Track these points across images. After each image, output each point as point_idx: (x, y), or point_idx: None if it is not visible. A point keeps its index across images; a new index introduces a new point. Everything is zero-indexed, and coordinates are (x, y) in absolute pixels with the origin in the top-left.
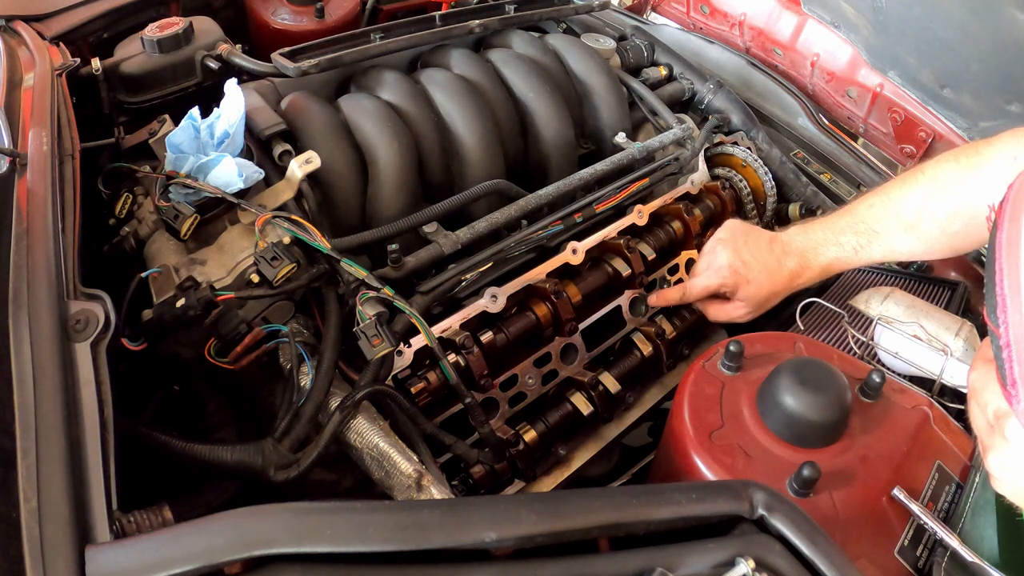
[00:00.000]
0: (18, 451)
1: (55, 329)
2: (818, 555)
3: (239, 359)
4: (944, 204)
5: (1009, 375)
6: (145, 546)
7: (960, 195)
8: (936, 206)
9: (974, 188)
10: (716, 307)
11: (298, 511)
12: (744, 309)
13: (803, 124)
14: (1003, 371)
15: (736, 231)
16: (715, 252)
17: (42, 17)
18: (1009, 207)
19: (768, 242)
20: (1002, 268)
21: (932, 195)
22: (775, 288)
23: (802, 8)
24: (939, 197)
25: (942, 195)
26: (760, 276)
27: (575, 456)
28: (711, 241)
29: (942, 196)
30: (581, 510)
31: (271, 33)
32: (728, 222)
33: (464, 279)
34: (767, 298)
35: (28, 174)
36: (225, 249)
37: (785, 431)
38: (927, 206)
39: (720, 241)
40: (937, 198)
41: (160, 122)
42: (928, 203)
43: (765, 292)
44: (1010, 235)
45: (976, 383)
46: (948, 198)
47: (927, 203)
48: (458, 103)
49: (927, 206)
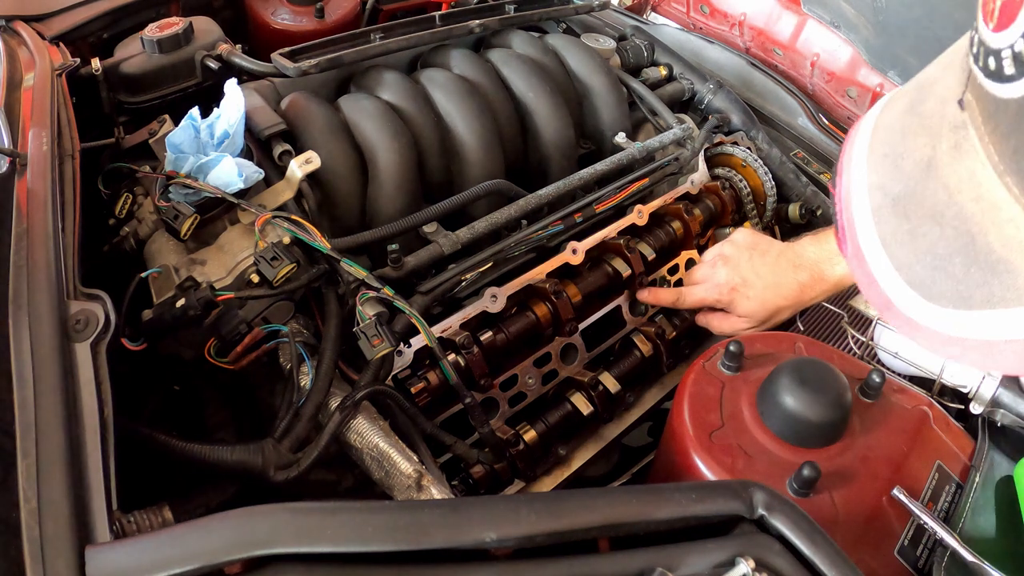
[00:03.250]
0: (18, 451)
1: (55, 329)
2: (818, 555)
3: (239, 359)
4: None
5: (838, 224)
6: (145, 546)
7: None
8: None
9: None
10: (719, 320)
11: (298, 511)
12: (746, 324)
13: (803, 124)
14: (836, 223)
15: (742, 246)
16: (715, 267)
17: (42, 17)
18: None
19: (776, 255)
20: (843, 150)
21: None
22: (782, 303)
23: (802, 8)
24: None
25: None
26: (763, 293)
27: (575, 456)
28: (715, 254)
29: None
30: (581, 510)
31: (271, 33)
32: (737, 232)
33: (464, 279)
34: (773, 313)
35: (28, 174)
36: (225, 249)
37: (785, 431)
38: None
39: (722, 257)
40: None
41: (160, 122)
42: None
43: (770, 307)
44: (856, 127)
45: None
46: None
47: None
48: (458, 103)
49: None
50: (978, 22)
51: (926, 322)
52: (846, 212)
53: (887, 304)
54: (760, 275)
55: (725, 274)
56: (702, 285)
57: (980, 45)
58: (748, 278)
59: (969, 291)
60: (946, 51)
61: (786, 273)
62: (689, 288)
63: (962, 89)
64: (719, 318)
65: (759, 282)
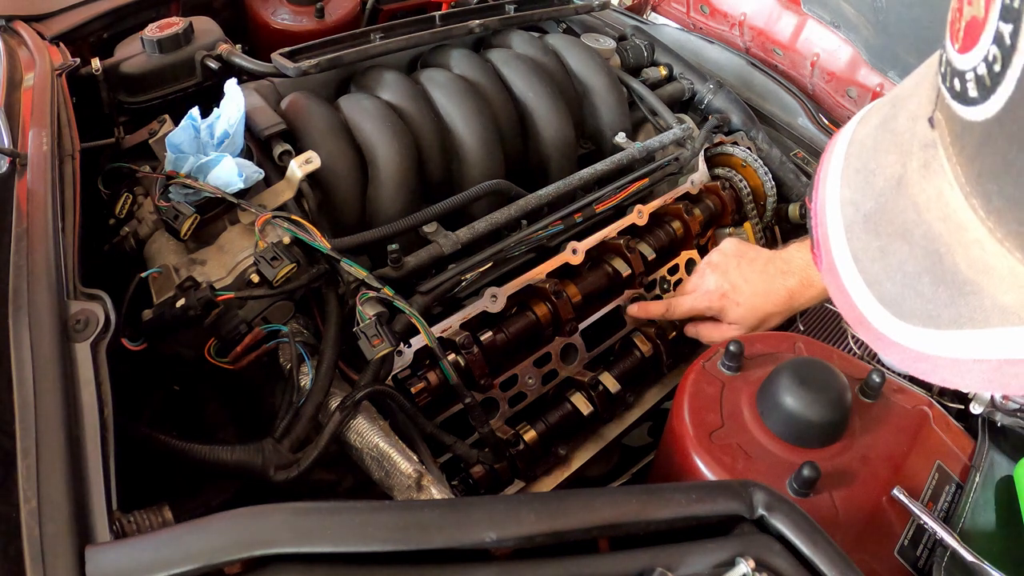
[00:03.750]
0: (18, 451)
1: (55, 329)
2: (818, 555)
3: (239, 359)
4: None
5: (814, 239)
6: (145, 546)
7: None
8: None
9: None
10: (709, 329)
11: (298, 511)
12: (736, 331)
13: (803, 124)
14: (812, 237)
15: (729, 253)
16: (704, 275)
17: (42, 17)
18: (856, 118)
19: (765, 262)
20: (821, 161)
21: None
22: (772, 309)
23: (802, 8)
24: None
25: None
26: (752, 299)
27: (575, 456)
28: (703, 263)
29: None
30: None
31: (271, 33)
32: (724, 242)
33: (464, 279)
34: (763, 319)
35: (28, 174)
36: (225, 249)
37: (785, 431)
38: None
39: (710, 264)
40: None
41: (160, 122)
42: None
43: (760, 314)
44: (834, 139)
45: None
46: None
47: None
48: (458, 103)
49: None
50: (946, 41)
51: (897, 339)
52: (821, 227)
53: (860, 320)
54: (749, 281)
55: (714, 281)
56: (691, 294)
57: (947, 65)
58: (737, 284)
59: (937, 310)
60: (921, 65)
61: (775, 279)
62: (678, 298)
63: (932, 107)
64: (708, 327)
65: (748, 288)
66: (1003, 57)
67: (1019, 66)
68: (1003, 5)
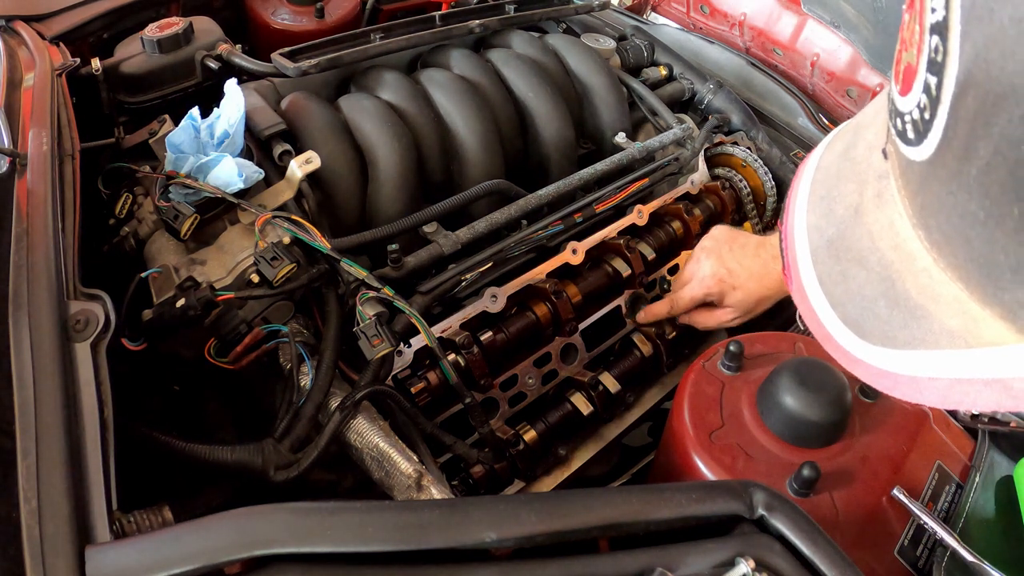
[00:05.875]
0: (18, 451)
1: (55, 329)
2: (818, 555)
3: (239, 359)
4: None
5: (785, 263)
6: (145, 546)
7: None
8: None
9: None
10: (705, 315)
11: (298, 511)
12: (732, 315)
13: (803, 124)
14: (783, 259)
15: (720, 238)
16: (699, 261)
17: (42, 17)
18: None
19: (755, 247)
20: (791, 186)
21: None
22: (765, 292)
23: (802, 8)
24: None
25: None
26: (748, 283)
27: (575, 456)
28: (695, 250)
29: None
30: (581, 510)
31: (271, 33)
32: (713, 229)
33: (464, 279)
34: (757, 303)
35: (28, 174)
36: (225, 249)
37: (785, 431)
38: None
39: (704, 250)
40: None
41: (160, 122)
42: None
43: (755, 297)
44: (803, 164)
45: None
46: None
47: None
48: (458, 103)
49: None
50: (891, 79)
51: (861, 356)
52: (790, 250)
53: (827, 337)
54: (744, 265)
55: (711, 266)
56: (690, 283)
57: (892, 103)
58: (733, 268)
59: (893, 332)
60: (880, 94)
61: (768, 263)
62: (679, 293)
63: (885, 139)
64: (703, 314)
65: (744, 272)
66: (931, 106)
67: (943, 116)
68: (929, 58)
